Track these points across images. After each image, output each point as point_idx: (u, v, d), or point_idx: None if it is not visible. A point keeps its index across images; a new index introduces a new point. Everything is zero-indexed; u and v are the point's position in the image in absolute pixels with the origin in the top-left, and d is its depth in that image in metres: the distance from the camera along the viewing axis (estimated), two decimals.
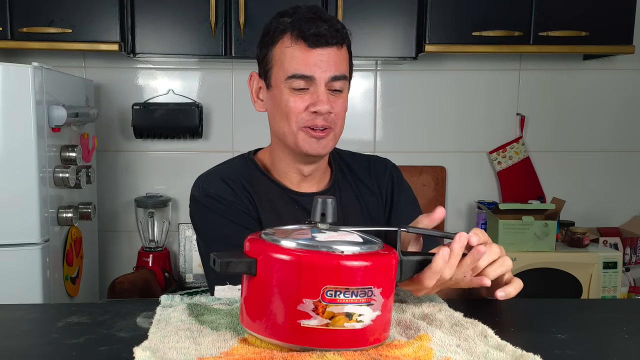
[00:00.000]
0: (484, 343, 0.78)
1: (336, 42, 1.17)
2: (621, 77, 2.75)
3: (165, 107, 2.57)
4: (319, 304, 0.72)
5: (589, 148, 2.79)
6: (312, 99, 1.17)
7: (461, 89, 2.74)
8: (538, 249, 2.31)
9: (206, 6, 2.28)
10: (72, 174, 2.07)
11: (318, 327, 0.72)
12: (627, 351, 0.80)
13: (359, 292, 0.73)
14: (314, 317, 0.72)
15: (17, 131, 1.88)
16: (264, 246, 0.76)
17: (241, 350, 0.75)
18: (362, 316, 0.74)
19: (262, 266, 0.74)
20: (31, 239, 1.92)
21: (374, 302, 0.74)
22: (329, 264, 0.72)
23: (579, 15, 2.36)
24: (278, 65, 1.19)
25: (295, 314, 0.72)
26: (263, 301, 0.74)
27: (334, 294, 0.72)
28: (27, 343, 0.81)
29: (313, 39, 1.15)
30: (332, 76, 1.17)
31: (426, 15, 2.34)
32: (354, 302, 0.73)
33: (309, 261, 0.72)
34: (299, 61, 1.16)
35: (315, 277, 0.72)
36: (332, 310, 0.72)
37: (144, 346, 0.74)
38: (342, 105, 1.22)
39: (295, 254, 0.73)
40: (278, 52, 1.18)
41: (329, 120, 1.19)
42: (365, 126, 2.74)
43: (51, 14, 2.25)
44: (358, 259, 0.74)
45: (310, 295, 0.72)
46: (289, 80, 1.17)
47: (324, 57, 1.16)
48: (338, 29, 1.17)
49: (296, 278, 0.72)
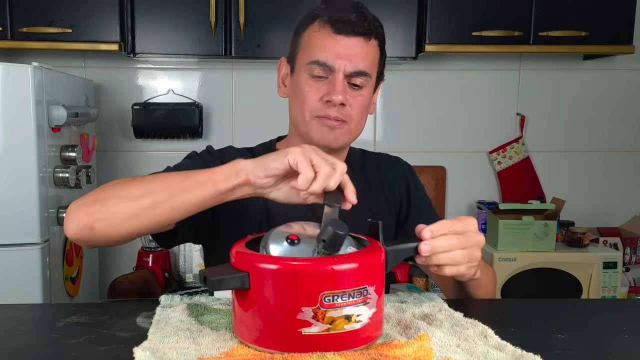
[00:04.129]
0: (484, 343, 0.78)
1: (363, 33, 1.12)
2: (621, 77, 2.75)
3: (165, 107, 2.57)
4: (319, 311, 0.72)
5: (589, 148, 2.79)
6: (328, 88, 1.13)
7: (461, 89, 2.74)
8: (538, 249, 2.31)
9: (206, 6, 2.28)
10: (72, 174, 2.07)
11: (319, 333, 0.72)
12: (627, 351, 0.80)
13: (355, 293, 0.73)
14: (314, 324, 0.72)
15: (17, 131, 1.88)
16: (254, 258, 0.75)
17: (241, 350, 0.75)
18: (360, 316, 0.74)
19: (255, 279, 0.74)
20: (31, 239, 1.92)
21: (370, 300, 0.75)
22: (325, 270, 0.72)
23: (579, 15, 2.36)
24: (303, 49, 1.16)
25: (295, 323, 0.72)
26: (260, 314, 0.74)
27: (332, 298, 0.72)
28: (27, 343, 0.81)
29: (339, 25, 1.11)
30: (352, 71, 1.12)
31: (426, 15, 2.34)
32: (351, 304, 0.73)
33: (305, 270, 0.72)
34: (322, 47, 1.12)
35: (312, 285, 0.72)
36: (331, 315, 0.72)
37: (143, 346, 0.74)
38: (361, 102, 1.16)
39: (290, 263, 0.73)
40: (306, 36, 1.15)
41: (343, 113, 1.14)
42: (366, 126, 2.72)
43: (51, 14, 2.25)
44: (351, 260, 0.74)
45: (308, 303, 0.72)
46: (309, 65, 1.13)
47: (347, 47, 1.11)
48: (369, 20, 1.13)
49: (293, 288, 0.72)
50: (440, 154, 2.76)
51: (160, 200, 0.93)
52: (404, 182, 1.33)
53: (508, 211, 2.35)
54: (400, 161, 1.38)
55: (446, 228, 0.90)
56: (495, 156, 2.74)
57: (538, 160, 2.77)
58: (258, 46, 2.33)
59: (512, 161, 2.73)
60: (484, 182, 2.79)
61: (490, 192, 2.79)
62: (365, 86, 1.16)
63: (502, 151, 2.74)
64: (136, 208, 0.94)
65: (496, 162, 2.74)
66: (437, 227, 0.89)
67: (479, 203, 2.63)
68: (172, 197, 0.93)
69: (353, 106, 1.15)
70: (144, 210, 0.94)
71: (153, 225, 0.97)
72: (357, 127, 1.19)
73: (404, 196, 1.32)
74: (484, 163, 2.79)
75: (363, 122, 1.21)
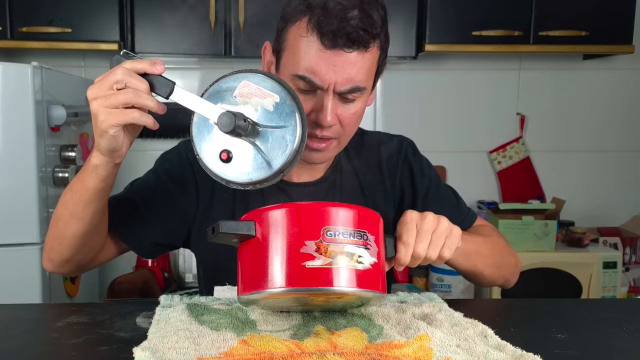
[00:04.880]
0: (484, 343, 0.78)
1: (361, 45, 0.94)
2: (621, 77, 2.75)
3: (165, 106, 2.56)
4: (321, 244, 0.76)
5: (588, 148, 2.79)
6: (315, 104, 0.98)
7: (461, 89, 2.74)
8: (538, 249, 2.31)
9: (206, 6, 2.28)
10: (72, 174, 2.06)
11: (322, 266, 0.75)
12: (627, 351, 0.80)
13: (356, 233, 0.78)
14: (317, 257, 0.75)
15: (16, 131, 1.88)
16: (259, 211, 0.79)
17: (241, 350, 0.75)
18: (362, 258, 0.77)
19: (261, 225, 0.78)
20: (31, 239, 1.92)
21: (370, 247, 0.79)
22: (327, 205, 0.78)
23: (579, 15, 2.36)
24: (289, 53, 0.98)
25: (299, 257, 0.75)
26: (264, 257, 0.77)
27: (333, 234, 0.76)
28: (27, 343, 0.81)
29: (330, 38, 0.92)
30: (343, 90, 0.97)
31: (426, 15, 2.34)
32: (352, 243, 0.77)
33: (309, 206, 0.78)
34: (308, 61, 0.95)
35: (315, 220, 0.76)
36: (333, 249, 0.76)
37: (143, 346, 0.74)
38: (354, 114, 1.02)
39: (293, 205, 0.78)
40: (292, 35, 0.97)
41: (333, 131, 1.01)
42: (365, 126, 2.71)
43: (51, 14, 2.25)
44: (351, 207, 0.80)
45: (311, 237, 0.75)
46: (293, 77, 0.97)
47: (339, 65, 0.94)
48: (371, 22, 0.94)
49: (297, 223, 0.76)
50: (440, 153, 2.76)
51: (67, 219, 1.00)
52: (406, 167, 1.18)
53: (508, 211, 2.35)
54: (403, 142, 1.22)
55: (413, 233, 0.89)
56: (495, 156, 2.74)
57: (538, 160, 2.77)
58: (258, 46, 2.33)
59: (512, 161, 2.74)
60: (484, 182, 2.79)
61: (490, 192, 2.79)
62: (361, 95, 1.01)
63: (502, 151, 2.74)
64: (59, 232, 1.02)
65: (496, 162, 2.74)
66: (407, 238, 0.88)
67: (479, 203, 2.63)
68: (71, 213, 0.99)
69: (344, 122, 1.01)
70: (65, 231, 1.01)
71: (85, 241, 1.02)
72: (348, 136, 1.07)
73: (407, 185, 1.18)
74: (484, 163, 2.79)
75: (358, 125, 1.09)
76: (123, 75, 0.85)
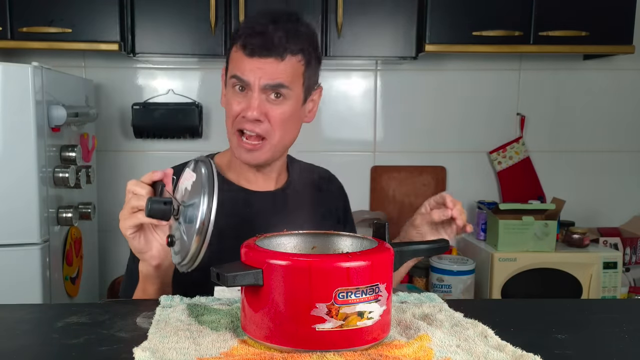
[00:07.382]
0: (484, 343, 0.78)
1: (275, 54, 1.15)
2: (621, 77, 2.75)
3: (165, 107, 2.57)
4: (332, 307, 0.72)
5: (589, 148, 2.79)
6: (246, 102, 1.18)
7: (461, 89, 2.74)
8: (538, 249, 2.31)
9: (206, 6, 2.28)
10: (72, 174, 2.07)
11: (333, 329, 0.73)
12: (627, 351, 0.80)
13: (368, 290, 0.74)
14: (328, 320, 0.73)
15: (17, 131, 1.88)
16: (267, 255, 0.76)
17: (241, 350, 0.75)
18: (372, 313, 0.75)
19: (269, 275, 0.74)
20: (31, 239, 1.92)
21: (381, 297, 0.76)
22: (340, 266, 0.73)
23: (579, 15, 2.36)
24: (229, 64, 1.22)
25: (309, 319, 0.72)
26: (272, 311, 0.74)
27: (345, 295, 0.73)
28: (27, 343, 0.81)
29: (249, 49, 1.16)
30: (265, 84, 1.16)
31: (426, 15, 2.34)
32: (364, 301, 0.74)
33: (320, 265, 0.73)
34: (238, 65, 1.17)
35: (327, 281, 0.72)
36: (345, 311, 0.73)
37: (143, 346, 0.74)
38: (282, 114, 1.18)
39: (304, 260, 0.74)
40: (232, 52, 1.21)
41: (262, 129, 1.18)
42: (365, 126, 2.73)
43: (51, 14, 2.25)
44: (364, 258, 0.75)
45: (323, 300, 0.72)
46: (231, 79, 1.19)
47: (259, 67, 1.16)
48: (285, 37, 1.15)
49: (308, 284, 0.72)
50: (440, 154, 2.76)
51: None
52: (341, 200, 1.42)
53: (508, 211, 2.34)
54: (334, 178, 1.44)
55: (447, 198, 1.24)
56: (495, 156, 2.74)
57: (538, 160, 2.77)
58: None
59: (512, 161, 2.73)
60: (484, 182, 2.79)
61: (490, 192, 2.79)
62: (288, 98, 1.18)
63: (502, 151, 2.74)
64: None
65: (496, 162, 2.74)
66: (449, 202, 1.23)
67: (479, 203, 2.63)
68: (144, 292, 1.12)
69: (272, 120, 1.18)
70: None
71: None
72: (281, 140, 1.22)
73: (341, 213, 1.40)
74: (484, 163, 2.79)
75: (291, 133, 1.23)
76: (130, 186, 1.01)
